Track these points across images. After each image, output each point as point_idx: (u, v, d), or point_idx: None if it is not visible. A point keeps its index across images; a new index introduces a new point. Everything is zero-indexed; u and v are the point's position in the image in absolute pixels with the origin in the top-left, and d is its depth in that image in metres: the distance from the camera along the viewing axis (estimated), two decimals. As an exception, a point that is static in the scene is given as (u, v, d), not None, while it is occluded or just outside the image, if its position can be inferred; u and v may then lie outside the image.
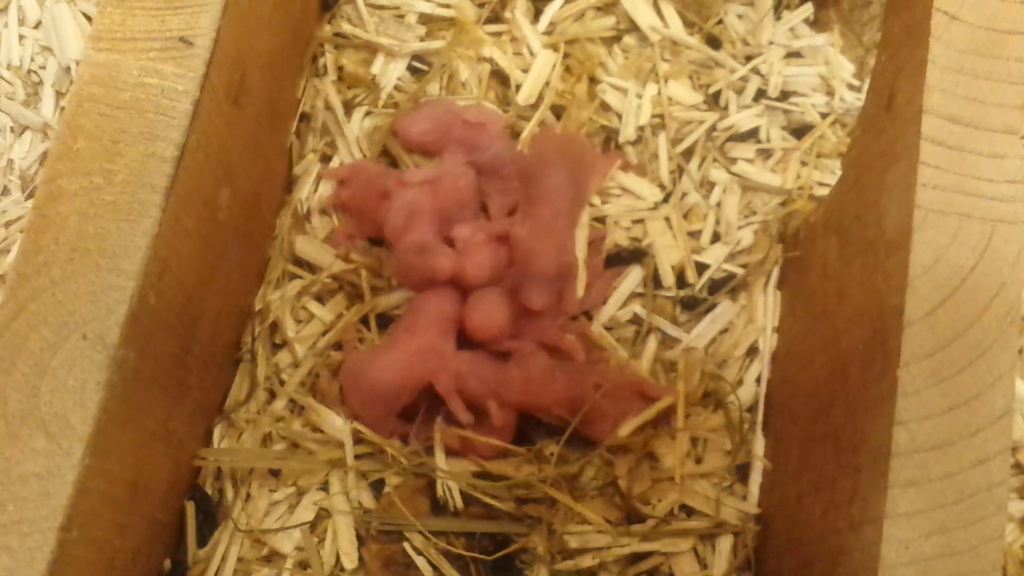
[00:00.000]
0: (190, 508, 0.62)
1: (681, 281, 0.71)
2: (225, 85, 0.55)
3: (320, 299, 0.70)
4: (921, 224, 0.49)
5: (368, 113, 0.75)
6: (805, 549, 0.57)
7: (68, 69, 0.74)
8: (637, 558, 0.63)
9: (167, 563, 0.60)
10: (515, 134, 0.75)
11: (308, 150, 0.74)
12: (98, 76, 0.50)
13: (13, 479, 0.44)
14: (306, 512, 0.63)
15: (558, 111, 0.76)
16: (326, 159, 0.74)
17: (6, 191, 0.74)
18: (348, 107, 0.75)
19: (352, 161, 0.73)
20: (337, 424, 0.65)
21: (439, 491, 0.63)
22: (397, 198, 0.67)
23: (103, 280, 0.47)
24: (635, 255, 0.72)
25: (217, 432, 0.65)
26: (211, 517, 0.63)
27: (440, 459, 0.64)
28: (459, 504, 0.63)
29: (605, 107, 0.76)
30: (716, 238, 0.73)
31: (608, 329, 0.70)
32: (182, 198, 0.51)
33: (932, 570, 0.45)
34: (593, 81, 0.77)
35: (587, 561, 0.62)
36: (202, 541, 0.62)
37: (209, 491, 0.64)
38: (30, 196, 0.73)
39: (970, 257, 0.49)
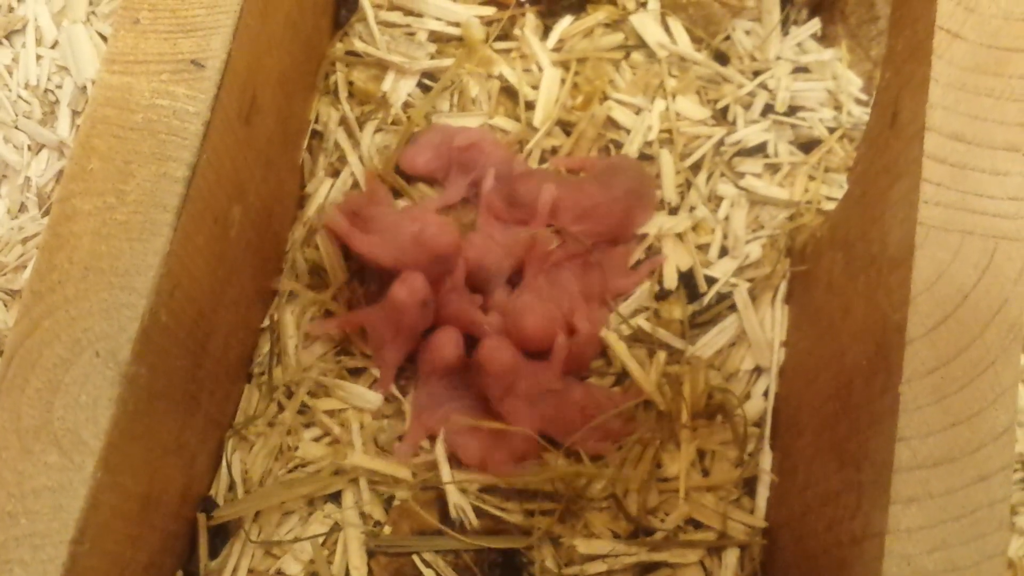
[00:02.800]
0: (202, 520, 0.63)
1: (690, 295, 0.72)
2: (236, 105, 0.56)
3: (329, 315, 0.70)
4: (923, 241, 0.49)
5: (379, 130, 0.76)
6: (810, 563, 0.57)
7: (84, 88, 0.75)
8: (644, 570, 0.64)
9: (179, 575, 0.61)
10: (527, 152, 0.75)
11: (319, 166, 0.75)
12: (111, 98, 0.51)
13: (26, 493, 0.45)
14: (317, 525, 0.64)
15: (567, 127, 0.77)
16: (337, 175, 0.75)
17: (23, 208, 0.75)
18: (359, 124, 0.76)
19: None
20: (367, 396, 0.67)
21: (451, 511, 0.64)
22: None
23: (115, 298, 0.48)
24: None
25: (229, 446, 0.65)
26: (223, 529, 0.64)
27: (446, 474, 0.64)
28: (474, 523, 0.63)
29: (614, 123, 0.77)
30: (724, 252, 0.73)
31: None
32: (193, 217, 0.52)
33: (934, 586, 0.46)
34: (602, 97, 0.77)
35: (594, 570, 0.63)
36: (214, 553, 0.63)
37: (221, 503, 0.64)
38: (46, 213, 0.74)
39: (972, 274, 0.49)
